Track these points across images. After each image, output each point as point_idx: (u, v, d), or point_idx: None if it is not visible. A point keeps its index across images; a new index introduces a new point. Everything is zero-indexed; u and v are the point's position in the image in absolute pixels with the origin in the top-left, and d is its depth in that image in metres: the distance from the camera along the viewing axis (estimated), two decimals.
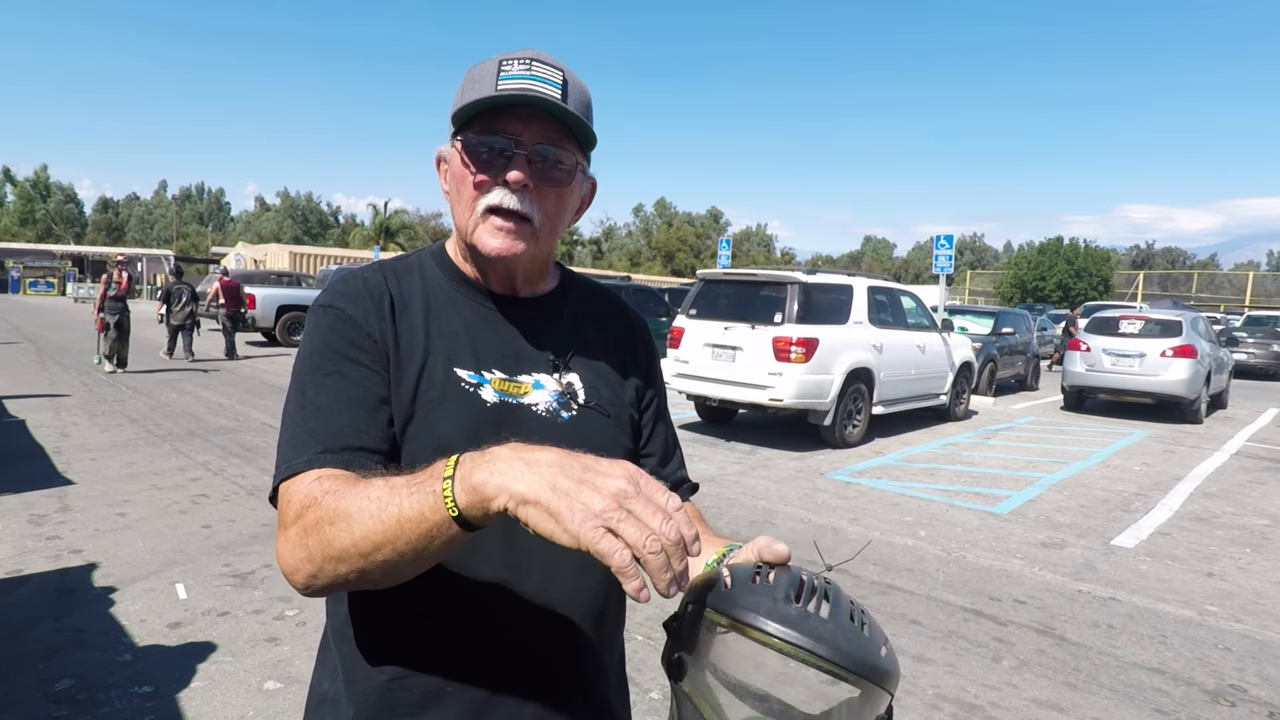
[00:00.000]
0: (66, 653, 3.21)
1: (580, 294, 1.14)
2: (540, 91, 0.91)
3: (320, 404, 0.89)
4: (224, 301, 15.06)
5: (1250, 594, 4.51)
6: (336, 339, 0.93)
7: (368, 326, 0.94)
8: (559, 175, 0.95)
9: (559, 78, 0.93)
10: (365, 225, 56.41)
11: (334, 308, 0.96)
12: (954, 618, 3.99)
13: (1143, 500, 6.61)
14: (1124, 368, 11.21)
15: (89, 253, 33.76)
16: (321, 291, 1.01)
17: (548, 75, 0.92)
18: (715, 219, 73.77)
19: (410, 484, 0.72)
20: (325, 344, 0.93)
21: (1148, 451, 8.92)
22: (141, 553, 4.38)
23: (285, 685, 3.04)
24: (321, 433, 0.87)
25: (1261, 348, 19.45)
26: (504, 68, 0.92)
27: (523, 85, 0.90)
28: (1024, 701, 3.17)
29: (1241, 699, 3.28)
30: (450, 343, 0.98)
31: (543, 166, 0.94)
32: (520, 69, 0.91)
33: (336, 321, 0.94)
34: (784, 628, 0.71)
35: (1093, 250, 42.68)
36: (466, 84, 0.95)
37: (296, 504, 0.81)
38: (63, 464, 6.28)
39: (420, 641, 0.92)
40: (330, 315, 0.95)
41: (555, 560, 0.95)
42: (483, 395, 0.96)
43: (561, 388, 1.02)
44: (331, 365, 0.91)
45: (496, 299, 1.03)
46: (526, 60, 0.92)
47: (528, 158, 0.93)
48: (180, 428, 7.96)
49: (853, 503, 6.16)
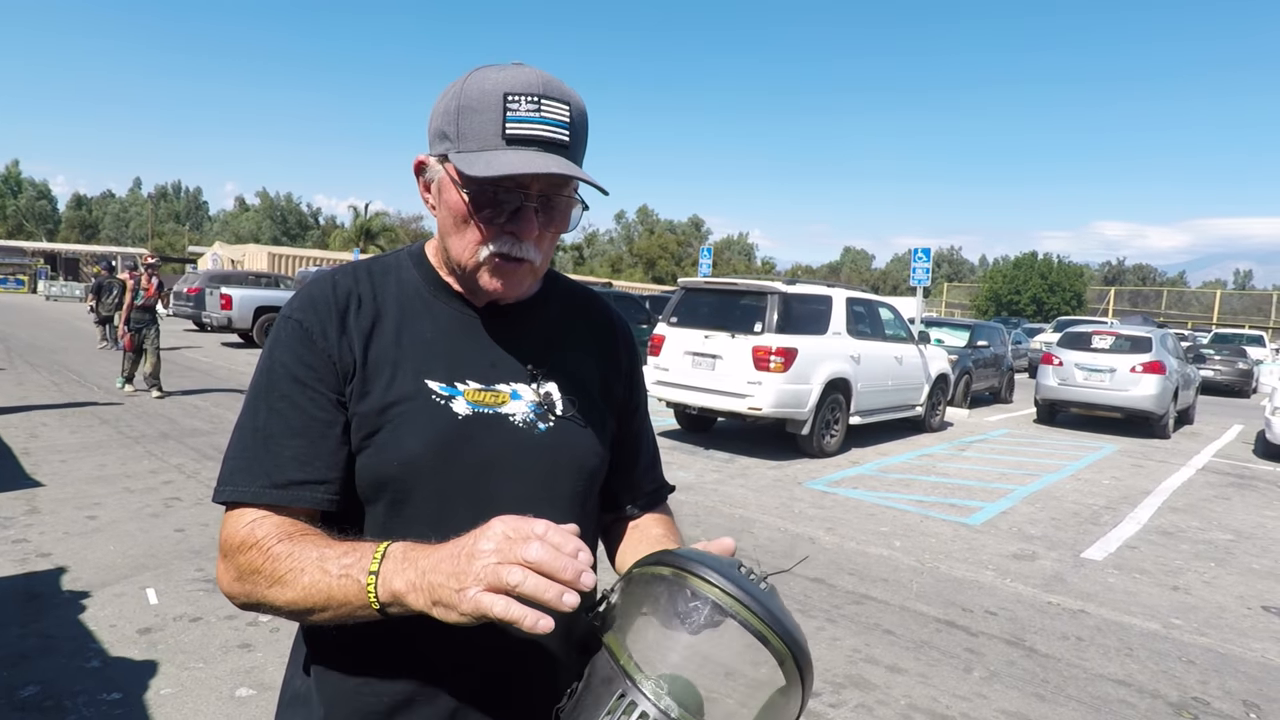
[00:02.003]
0: (33, 659, 3.16)
1: (563, 296, 1.12)
2: (551, 138, 0.88)
3: (271, 431, 0.91)
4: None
5: (1214, 608, 4.60)
6: (291, 359, 0.93)
7: (325, 343, 0.94)
8: (560, 217, 0.96)
9: (566, 115, 0.89)
10: (345, 227, 55.86)
11: (294, 320, 0.95)
12: (927, 628, 4.04)
13: (1111, 514, 6.73)
14: (1095, 382, 11.40)
15: (62, 250, 33.24)
16: (292, 295, 1.00)
17: (557, 115, 0.89)
18: (697, 227, 74.00)
19: (340, 566, 0.80)
20: (281, 365, 0.93)
21: (1117, 465, 9.07)
22: (112, 556, 4.32)
23: (258, 692, 3.01)
24: (269, 466, 0.90)
25: (1228, 365, 19.86)
26: (511, 106, 0.87)
27: (533, 131, 0.87)
28: (994, 712, 3.22)
29: (1204, 711, 3.35)
30: (423, 353, 0.97)
31: (548, 214, 0.94)
32: (529, 110, 0.87)
33: (293, 339, 0.94)
34: (726, 581, 0.74)
35: (1066, 265, 43.42)
36: (465, 111, 0.89)
37: (236, 541, 0.88)
38: (31, 465, 6.16)
39: (389, 648, 0.93)
40: (289, 328, 0.95)
41: None
42: (454, 408, 0.95)
43: (539, 398, 1.01)
44: (284, 388, 0.92)
45: (475, 306, 1.02)
46: (535, 99, 0.87)
47: (535, 208, 0.92)
48: (153, 429, 7.85)
49: (829, 512, 6.21)
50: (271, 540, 0.85)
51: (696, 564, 0.76)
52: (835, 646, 3.75)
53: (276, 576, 0.83)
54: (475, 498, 0.94)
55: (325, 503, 0.91)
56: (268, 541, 0.85)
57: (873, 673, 3.51)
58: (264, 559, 0.84)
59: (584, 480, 1.03)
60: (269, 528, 0.87)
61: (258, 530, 0.86)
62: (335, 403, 0.93)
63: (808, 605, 4.23)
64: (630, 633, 0.78)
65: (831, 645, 3.76)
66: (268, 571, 0.83)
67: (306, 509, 0.91)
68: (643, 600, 0.79)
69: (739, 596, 0.73)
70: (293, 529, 0.87)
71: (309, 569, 0.81)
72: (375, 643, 0.93)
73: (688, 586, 0.75)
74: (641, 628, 0.77)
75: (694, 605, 0.74)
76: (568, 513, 1.01)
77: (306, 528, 0.88)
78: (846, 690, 3.33)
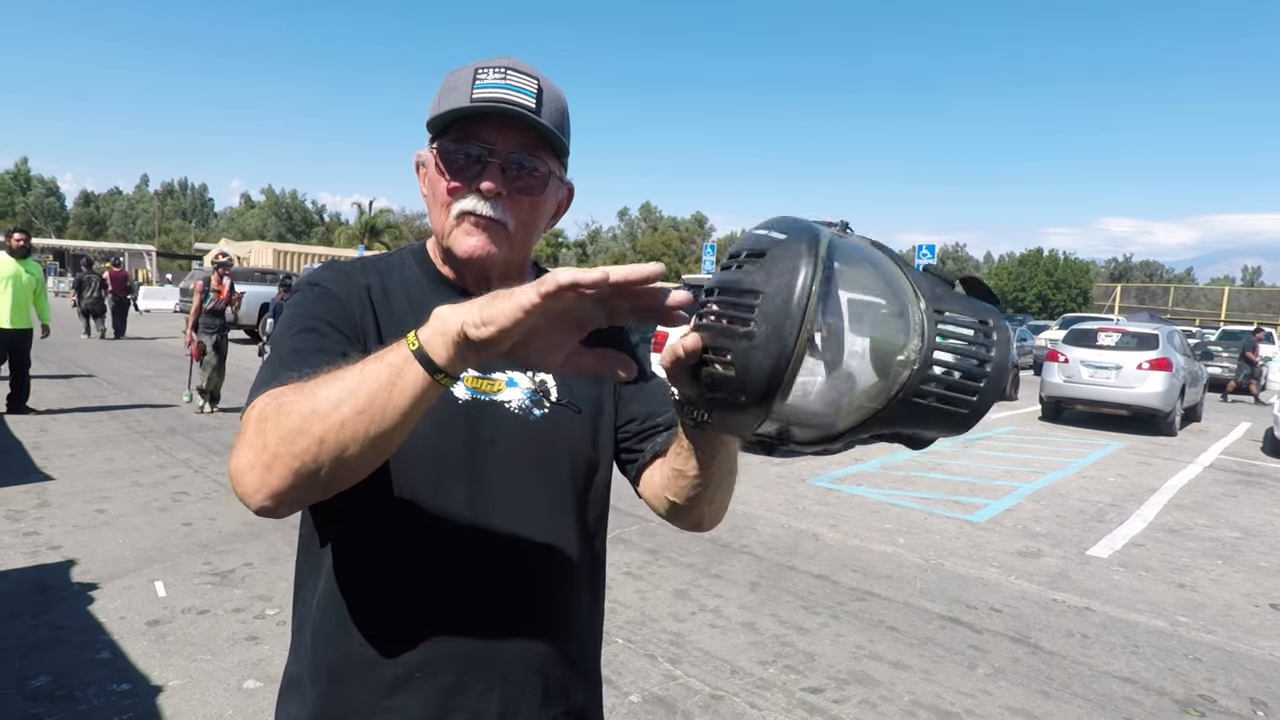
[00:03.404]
0: (44, 649, 3.19)
1: None
2: (514, 100, 0.93)
3: (299, 347, 0.90)
4: (112, 288, 17.47)
5: (1221, 605, 4.59)
6: (320, 308, 0.95)
7: (349, 306, 0.97)
8: (532, 183, 0.98)
9: (534, 86, 0.95)
10: (350, 224, 56.04)
11: (319, 285, 0.98)
12: (931, 625, 4.04)
13: (1117, 511, 6.72)
14: (1101, 379, 11.37)
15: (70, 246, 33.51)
16: (307, 273, 1.03)
17: (522, 84, 0.94)
18: (700, 224, 73.88)
19: (380, 355, 0.73)
20: (308, 310, 0.95)
21: (1123, 463, 9.05)
22: (121, 550, 4.35)
23: (265, 684, 3.04)
24: (298, 367, 0.84)
25: (1235, 362, 19.77)
26: (479, 76, 0.93)
27: (497, 94, 0.92)
28: (998, 709, 3.23)
29: (1211, 709, 3.35)
30: None
31: (516, 174, 0.96)
32: (495, 78, 0.93)
33: (321, 295, 0.97)
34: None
35: (1072, 262, 43.28)
36: (443, 91, 0.97)
37: (259, 406, 0.77)
38: (41, 459, 6.21)
39: (387, 628, 0.94)
40: (315, 291, 0.98)
41: (525, 551, 0.98)
42: (454, 391, 0.97)
43: (534, 385, 1.03)
44: (311, 324, 0.93)
45: (473, 296, 1.04)
46: (502, 69, 0.94)
47: (501, 166, 0.95)
48: (161, 424, 7.89)
49: (833, 509, 6.22)
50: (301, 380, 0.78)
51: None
52: (839, 643, 3.76)
53: (303, 387, 0.74)
54: (470, 477, 0.96)
55: None
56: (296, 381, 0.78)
57: (876, 669, 3.51)
58: (280, 399, 0.75)
59: (578, 465, 1.04)
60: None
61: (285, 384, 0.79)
62: (357, 349, 0.93)
63: (811, 602, 4.24)
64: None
65: (835, 642, 3.77)
66: (292, 390, 0.75)
67: None
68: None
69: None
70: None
71: (333, 375, 0.74)
72: (374, 623, 0.94)
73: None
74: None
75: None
76: (563, 496, 1.03)
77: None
78: (850, 686, 3.34)
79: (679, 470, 0.96)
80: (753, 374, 0.66)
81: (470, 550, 0.96)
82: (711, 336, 0.70)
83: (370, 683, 0.94)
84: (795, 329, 0.65)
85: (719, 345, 0.69)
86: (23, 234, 8.08)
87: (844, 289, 0.68)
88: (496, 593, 0.97)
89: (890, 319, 0.68)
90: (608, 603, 1.21)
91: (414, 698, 0.93)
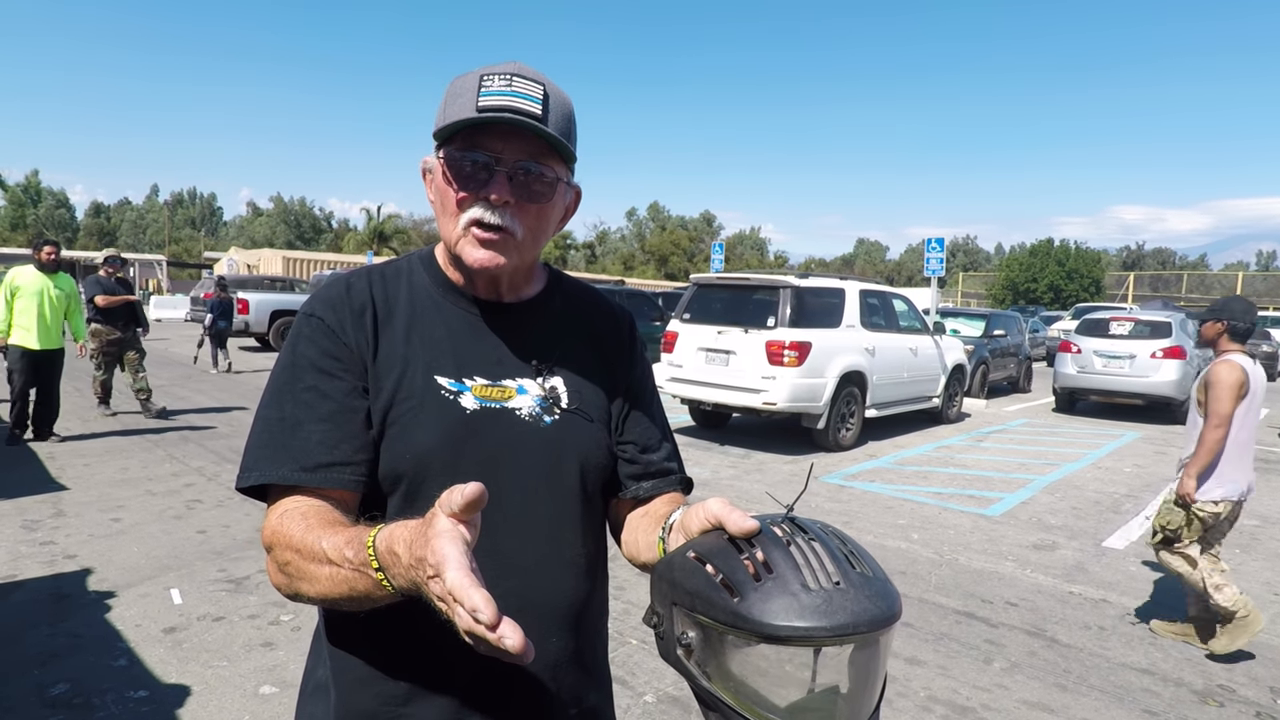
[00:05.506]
0: (62, 657, 3.22)
1: (568, 295, 1.14)
2: (520, 108, 0.92)
3: (297, 419, 0.93)
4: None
5: None
6: (315, 351, 0.96)
7: (344, 336, 0.97)
8: (539, 190, 0.97)
9: (539, 93, 0.94)
10: (359, 230, 56.27)
11: (315, 317, 0.99)
12: (946, 620, 4.02)
13: (1133, 502, 6.66)
14: (1114, 369, 11.28)
15: (80, 257, 33.90)
16: (308, 298, 1.04)
17: (528, 90, 0.93)
18: (708, 222, 73.83)
19: (353, 561, 0.78)
20: (304, 357, 0.96)
21: (1138, 453, 8.98)
22: (136, 558, 4.38)
23: (281, 690, 3.05)
24: (296, 450, 0.91)
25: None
26: (485, 83, 0.93)
27: (503, 102, 0.91)
28: (1015, 703, 3.20)
29: (1230, 699, 3.32)
30: (432, 350, 1.00)
31: (524, 182, 0.95)
32: (501, 84, 0.92)
33: (316, 333, 0.98)
34: (816, 622, 0.66)
35: (1084, 251, 42.87)
36: (449, 98, 0.96)
37: (267, 535, 0.89)
38: (56, 469, 6.26)
39: (405, 640, 0.94)
40: (311, 325, 0.99)
41: (535, 563, 0.98)
42: (462, 403, 0.98)
43: (545, 392, 1.03)
44: (309, 379, 0.95)
45: (481, 305, 1.05)
46: (507, 76, 0.93)
47: (508, 174, 0.94)
48: (174, 433, 7.95)
49: (846, 506, 6.19)
50: (297, 534, 0.85)
51: (778, 624, 0.66)
52: None
53: (306, 574, 0.83)
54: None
55: (352, 484, 0.93)
56: (294, 533, 0.86)
57: (891, 665, 3.50)
58: (295, 560, 0.84)
59: (588, 472, 1.05)
60: (296, 519, 0.87)
61: (286, 524, 0.87)
62: (359, 390, 0.96)
63: None
64: (720, 675, 0.73)
65: None
66: (297, 569, 0.84)
67: (336, 492, 0.92)
68: (729, 655, 0.73)
69: (839, 631, 0.67)
70: (318, 519, 0.87)
71: (328, 562, 0.81)
72: (391, 632, 0.94)
73: (783, 649, 0.68)
74: (743, 677, 0.72)
75: (729, 639, 0.70)
76: (571, 504, 1.03)
77: (337, 517, 0.88)
78: None
79: (664, 543, 0.97)
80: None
81: (482, 557, 0.96)
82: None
83: (386, 692, 0.95)
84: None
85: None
86: (53, 246, 7.33)
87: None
88: (508, 599, 0.97)
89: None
90: (623, 604, 1.21)
91: (428, 705, 0.94)
